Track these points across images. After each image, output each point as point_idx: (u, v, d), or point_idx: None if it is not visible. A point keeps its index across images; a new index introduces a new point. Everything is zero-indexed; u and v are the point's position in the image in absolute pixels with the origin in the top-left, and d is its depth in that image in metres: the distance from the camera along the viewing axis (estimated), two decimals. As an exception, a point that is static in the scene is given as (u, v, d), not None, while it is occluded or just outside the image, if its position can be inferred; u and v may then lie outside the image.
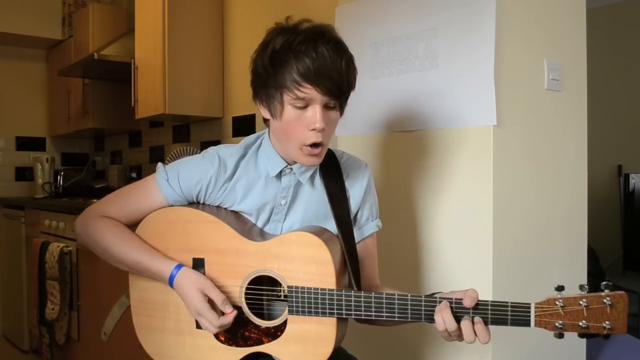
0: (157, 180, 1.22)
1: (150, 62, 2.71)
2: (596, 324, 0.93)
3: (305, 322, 1.11)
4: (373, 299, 1.06)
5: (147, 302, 1.25)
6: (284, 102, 1.08)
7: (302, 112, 1.08)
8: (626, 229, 3.35)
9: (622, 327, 0.93)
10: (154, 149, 3.50)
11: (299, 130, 1.09)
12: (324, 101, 1.08)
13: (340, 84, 1.08)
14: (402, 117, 1.68)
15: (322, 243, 1.10)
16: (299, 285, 1.10)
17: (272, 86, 1.09)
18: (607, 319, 0.93)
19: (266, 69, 1.09)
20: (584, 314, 0.94)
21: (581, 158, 1.76)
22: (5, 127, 3.95)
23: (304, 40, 1.06)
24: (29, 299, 3.32)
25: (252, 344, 1.16)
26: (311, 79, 1.05)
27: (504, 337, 1.51)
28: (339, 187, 1.23)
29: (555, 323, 0.96)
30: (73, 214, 2.84)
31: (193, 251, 1.19)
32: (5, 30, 3.60)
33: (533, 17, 1.60)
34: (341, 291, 1.08)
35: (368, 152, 1.79)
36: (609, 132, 3.69)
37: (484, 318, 1.00)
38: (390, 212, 1.71)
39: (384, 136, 1.74)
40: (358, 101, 1.79)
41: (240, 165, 1.22)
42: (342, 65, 1.09)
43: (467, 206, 1.53)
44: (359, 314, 1.07)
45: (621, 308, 0.93)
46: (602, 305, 0.93)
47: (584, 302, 0.94)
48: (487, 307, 1.00)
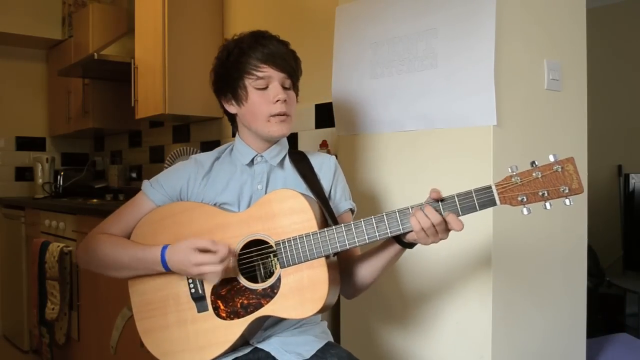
0: (143, 190, 1.35)
1: (150, 62, 2.71)
2: (554, 189, 1.02)
3: (297, 272, 1.17)
4: (353, 227, 1.13)
5: (148, 304, 1.27)
6: (247, 86, 1.27)
7: (264, 92, 1.27)
8: (626, 229, 3.35)
9: (578, 186, 1.01)
10: (154, 149, 3.50)
11: (264, 106, 1.26)
12: (280, 78, 1.27)
13: (291, 63, 1.29)
14: (402, 117, 1.68)
15: (296, 193, 1.20)
16: (284, 238, 1.17)
17: (234, 77, 1.28)
18: (563, 183, 1.02)
19: (226, 67, 1.29)
20: (541, 182, 1.03)
21: (581, 158, 1.76)
22: (5, 127, 3.95)
23: (253, 37, 1.29)
24: (29, 299, 3.32)
25: (253, 310, 1.19)
26: (266, 60, 1.25)
27: (504, 337, 1.51)
28: (309, 169, 1.36)
29: (517, 197, 1.04)
30: (73, 214, 2.85)
31: (184, 239, 1.23)
32: (5, 30, 3.60)
33: (533, 17, 1.60)
34: (323, 230, 1.15)
35: (368, 152, 1.79)
36: (609, 132, 3.69)
37: (453, 209, 1.07)
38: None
39: (384, 136, 1.74)
40: (358, 101, 1.80)
41: (215, 165, 1.36)
42: (289, 50, 1.31)
43: (467, 206, 1.53)
44: (344, 245, 1.13)
45: (572, 169, 1.01)
46: (554, 171, 1.02)
47: (537, 174, 1.02)
48: (454, 198, 1.07)
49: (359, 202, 1.54)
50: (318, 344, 1.28)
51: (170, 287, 1.24)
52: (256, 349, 1.27)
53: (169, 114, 2.66)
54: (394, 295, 1.70)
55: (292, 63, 1.30)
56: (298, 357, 1.25)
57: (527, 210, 1.05)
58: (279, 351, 1.26)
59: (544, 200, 1.03)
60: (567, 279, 1.72)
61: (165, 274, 1.24)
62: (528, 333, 1.59)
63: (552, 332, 1.67)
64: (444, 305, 1.58)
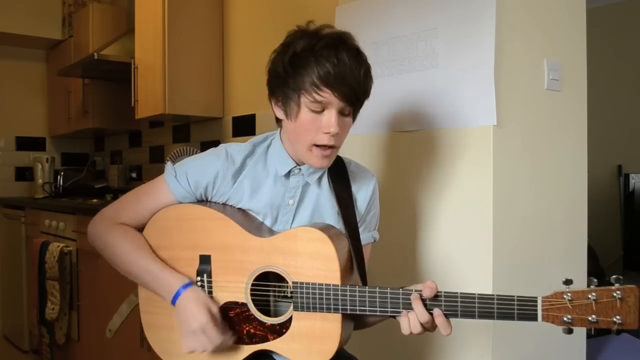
0: (166, 179, 1.23)
1: (150, 62, 2.71)
2: (606, 319, 0.91)
3: (310, 319, 1.11)
4: (378, 295, 1.06)
5: (155, 300, 1.24)
6: (300, 104, 1.10)
7: (317, 116, 1.10)
8: (626, 229, 3.36)
9: (633, 321, 0.90)
10: (154, 149, 3.50)
11: (312, 133, 1.11)
12: (340, 106, 1.10)
13: (357, 91, 1.10)
14: (402, 117, 1.68)
15: (326, 238, 1.10)
16: (303, 281, 1.10)
17: (290, 87, 1.11)
18: (618, 313, 0.90)
19: (286, 70, 1.10)
20: (593, 308, 0.91)
21: (581, 158, 1.76)
22: (5, 127, 3.95)
23: (326, 46, 1.08)
24: (29, 299, 3.32)
25: (258, 342, 1.16)
26: (331, 84, 1.06)
27: (504, 337, 1.51)
28: (347, 190, 1.24)
29: (563, 317, 0.93)
30: (73, 214, 2.85)
31: (199, 248, 1.19)
32: (5, 30, 3.60)
33: (533, 17, 1.60)
34: (345, 287, 1.08)
35: (368, 152, 1.79)
36: (609, 132, 3.69)
37: (489, 313, 0.99)
38: (389, 212, 1.71)
39: (384, 136, 1.74)
40: (358, 101, 1.80)
41: (248, 162, 1.23)
42: (361, 73, 1.10)
43: (467, 206, 1.53)
44: (364, 310, 1.07)
45: (632, 302, 0.90)
46: (612, 299, 0.90)
47: (593, 296, 0.91)
48: (493, 301, 0.98)
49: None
50: None
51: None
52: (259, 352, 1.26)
53: (169, 114, 2.66)
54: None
55: (361, 90, 1.11)
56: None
57: (567, 331, 0.94)
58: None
59: (591, 327, 0.92)
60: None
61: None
62: (528, 333, 1.59)
63: (552, 332, 1.67)
64: (444, 305, 1.58)
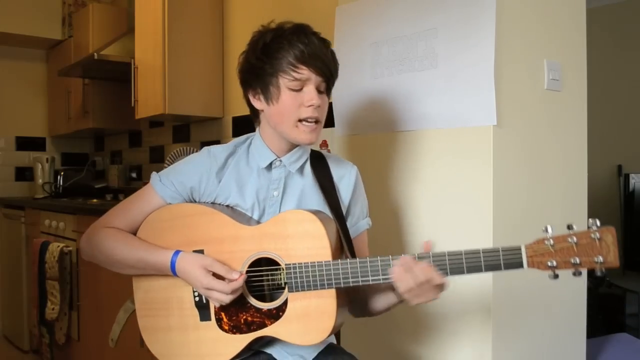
0: (152, 184, 1.28)
1: (150, 62, 2.71)
2: (588, 259, 0.95)
3: (305, 298, 1.13)
4: (369, 264, 1.09)
5: (151, 302, 1.26)
6: (280, 85, 1.17)
7: (297, 93, 1.18)
8: (626, 229, 3.35)
9: (614, 259, 0.94)
10: (154, 149, 3.50)
11: (295, 109, 1.18)
12: (317, 82, 1.18)
13: (330, 66, 1.20)
14: (402, 117, 1.68)
15: (315, 217, 1.14)
16: (296, 262, 1.13)
17: (267, 73, 1.18)
18: (598, 253, 0.94)
19: (260, 59, 1.18)
20: (575, 250, 0.96)
21: (581, 158, 1.76)
22: (5, 127, 3.95)
23: (294, 31, 1.18)
24: (29, 299, 3.32)
25: (256, 329, 1.17)
26: (306, 61, 1.16)
27: (504, 337, 1.51)
28: (328, 179, 1.29)
29: (547, 262, 0.97)
30: (73, 214, 2.85)
31: (192, 244, 1.21)
32: (5, 30, 3.60)
33: (533, 17, 1.60)
34: (337, 261, 1.11)
35: (368, 152, 1.79)
36: (609, 132, 3.69)
37: (477, 264, 1.03)
38: (389, 212, 1.71)
39: (384, 136, 1.74)
40: (358, 101, 1.80)
41: (230, 161, 1.28)
42: (329, 52, 1.21)
43: (467, 206, 1.53)
44: (356, 281, 1.10)
45: (610, 241, 0.94)
46: (591, 240, 0.95)
47: (573, 239, 0.96)
48: (479, 254, 1.02)
49: (359, 202, 1.55)
50: (320, 346, 1.28)
51: (175, 289, 1.22)
52: (258, 352, 1.26)
53: (169, 114, 2.66)
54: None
55: (332, 66, 1.21)
56: (300, 359, 1.24)
57: (553, 275, 0.99)
58: (281, 354, 1.25)
59: (575, 269, 0.97)
60: (567, 278, 1.72)
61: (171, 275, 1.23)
62: (528, 333, 1.59)
63: (552, 332, 1.67)
64: (444, 305, 1.58)
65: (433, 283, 1.04)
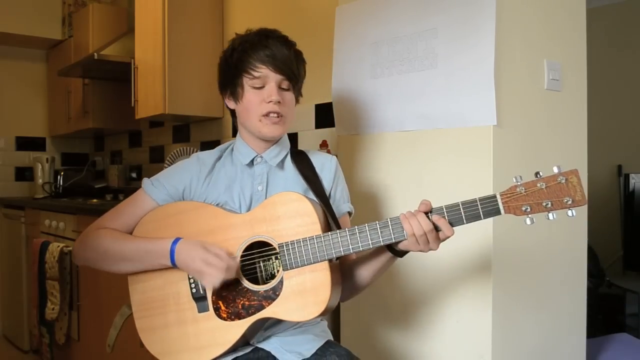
0: (144, 188, 1.34)
1: (150, 62, 2.71)
2: (558, 199, 1.04)
3: (300, 275, 1.17)
4: (357, 231, 1.13)
5: (148, 302, 1.27)
6: (244, 84, 1.28)
7: (259, 91, 1.28)
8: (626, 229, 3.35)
9: (582, 197, 1.03)
10: (154, 149, 3.50)
11: (257, 105, 1.28)
12: (277, 80, 1.28)
13: (290, 65, 1.28)
14: (402, 117, 1.68)
15: (301, 196, 1.20)
16: (288, 241, 1.17)
17: (233, 75, 1.30)
18: (566, 194, 1.03)
19: (228, 63, 1.32)
20: (545, 193, 1.04)
21: (581, 158, 1.76)
22: (5, 127, 3.95)
23: (257, 35, 1.30)
24: (29, 299, 3.32)
25: (254, 312, 1.18)
26: (264, 60, 1.26)
27: (504, 337, 1.51)
28: (310, 169, 1.36)
29: (522, 207, 1.05)
30: (73, 214, 2.85)
31: (187, 238, 1.23)
32: (5, 30, 3.60)
33: (533, 17, 1.60)
34: (327, 234, 1.16)
35: (368, 152, 1.79)
36: (609, 132, 3.69)
37: (458, 217, 1.09)
38: (389, 212, 1.71)
39: (384, 136, 1.74)
40: (358, 101, 1.80)
41: (216, 165, 1.36)
42: (291, 54, 1.30)
43: (467, 206, 1.53)
44: (348, 249, 1.14)
45: (575, 182, 1.03)
46: (558, 182, 1.03)
47: (541, 184, 1.04)
48: (459, 206, 1.09)
49: (359, 202, 1.55)
50: (318, 343, 1.28)
51: (171, 285, 1.24)
52: (256, 349, 1.27)
53: (169, 114, 2.66)
54: (394, 295, 1.70)
55: (293, 66, 1.30)
56: (298, 356, 1.25)
57: (530, 220, 1.06)
58: (279, 350, 1.26)
59: (548, 211, 1.05)
60: (567, 279, 1.72)
61: (166, 273, 1.24)
62: (528, 333, 1.59)
63: (552, 332, 1.67)
64: (444, 304, 1.58)
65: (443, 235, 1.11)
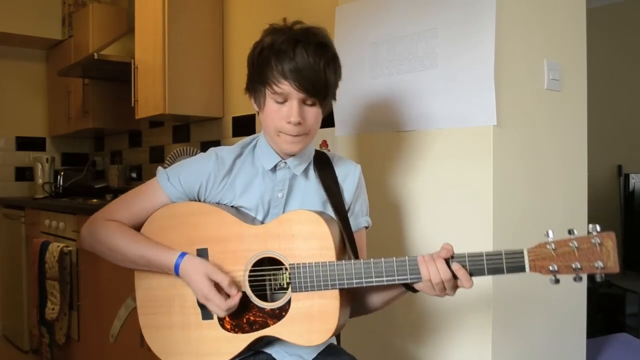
0: (159, 181, 1.27)
1: (150, 62, 2.71)
2: (589, 264, 0.96)
3: (308, 299, 1.13)
4: (372, 266, 1.09)
5: (152, 300, 1.25)
6: (266, 95, 1.19)
7: (280, 106, 1.18)
8: (626, 229, 3.35)
9: (614, 264, 0.95)
10: (154, 149, 3.50)
11: (277, 121, 1.18)
12: (300, 97, 1.16)
13: (315, 82, 1.15)
14: (402, 117, 1.68)
15: (319, 218, 1.14)
16: (300, 262, 1.13)
17: (257, 81, 1.20)
18: (599, 258, 0.95)
19: (253, 66, 1.21)
20: (576, 255, 0.97)
21: (581, 158, 1.76)
22: (5, 127, 3.95)
23: (286, 41, 1.15)
24: (29, 299, 3.32)
25: (258, 328, 1.17)
26: (287, 76, 1.13)
27: (504, 337, 1.51)
28: (333, 180, 1.29)
29: (549, 267, 0.98)
30: (73, 214, 2.85)
31: (196, 242, 1.21)
32: (5, 30, 3.60)
33: (533, 17, 1.60)
34: (341, 262, 1.11)
35: (368, 152, 1.79)
36: (609, 132, 3.69)
37: (479, 268, 1.04)
38: (389, 212, 1.71)
39: (384, 136, 1.74)
40: (358, 101, 1.80)
41: (237, 163, 1.29)
42: (320, 65, 1.15)
43: (467, 206, 1.53)
44: (360, 282, 1.10)
45: (611, 246, 0.95)
46: (592, 245, 0.95)
47: (574, 244, 0.97)
48: (482, 257, 1.03)
49: (359, 202, 1.54)
50: (320, 347, 1.28)
51: (177, 287, 1.22)
52: (258, 352, 1.26)
53: (169, 114, 2.66)
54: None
55: (321, 80, 1.15)
56: (299, 359, 1.25)
57: (554, 280, 1.00)
58: (281, 354, 1.25)
59: (576, 273, 0.98)
60: (567, 279, 1.72)
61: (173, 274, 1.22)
62: (528, 333, 1.59)
63: (552, 332, 1.67)
64: (444, 305, 1.58)
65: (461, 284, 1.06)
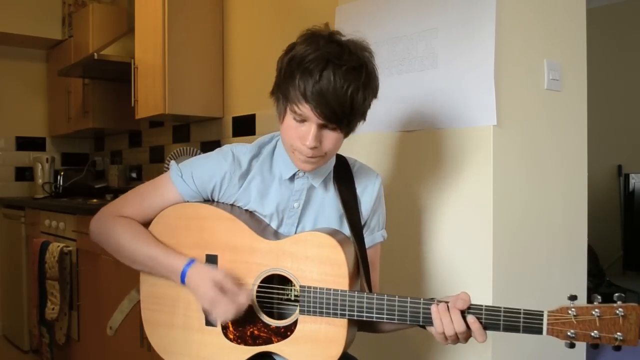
0: (172, 178, 1.23)
1: (150, 62, 2.71)
2: (608, 335, 0.94)
3: (315, 323, 1.12)
4: (385, 302, 1.07)
5: (157, 297, 1.24)
6: (286, 109, 1.11)
7: (299, 125, 1.10)
8: (626, 229, 3.36)
9: (634, 338, 0.93)
10: (154, 149, 3.50)
11: (294, 139, 1.12)
12: (319, 122, 1.08)
13: (337, 109, 1.06)
14: (402, 117, 1.68)
15: (337, 244, 1.11)
16: (311, 285, 1.11)
17: (280, 92, 1.12)
18: (619, 330, 0.93)
19: (280, 74, 1.12)
20: (597, 324, 0.94)
21: (581, 158, 1.76)
22: (5, 127, 3.95)
23: (316, 59, 1.05)
24: (29, 299, 3.32)
25: (261, 343, 1.16)
26: (308, 99, 1.05)
27: (503, 337, 1.51)
28: (351, 193, 1.24)
29: (567, 332, 0.96)
30: (73, 214, 2.84)
31: (206, 247, 1.19)
32: (5, 30, 3.60)
33: (533, 17, 1.60)
34: (353, 292, 1.09)
35: (368, 152, 1.79)
36: (609, 132, 3.69)
37: (494, 323, 1.01)
38: (388, 212, 1.71)
39: (384, 136, 1.74)
40: (358, 101, 1.80)
41: (254, 164, 1.23)
42: (347, 91, 1.06)
43: (467, 206, 1.53)
44: (370, 316, 1.08)
45: (634, 320, 0.93)
46: (615, 316, 0.93)
47: (596, 312, 0.94)
48: (500, 313, 1.00)
49: (359, 202, 1.54)
50: None
51: (183, 289, 1.19)
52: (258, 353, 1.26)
53: (169, 114, 2.66)
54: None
55: (345, 107, 1.06)
56: None
57: (569, 345, 0.98)
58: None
59: (593, 342, 0.95)
60: (567, 279, 1.72)
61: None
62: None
63: (552, 332, 1.67)
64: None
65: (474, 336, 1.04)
